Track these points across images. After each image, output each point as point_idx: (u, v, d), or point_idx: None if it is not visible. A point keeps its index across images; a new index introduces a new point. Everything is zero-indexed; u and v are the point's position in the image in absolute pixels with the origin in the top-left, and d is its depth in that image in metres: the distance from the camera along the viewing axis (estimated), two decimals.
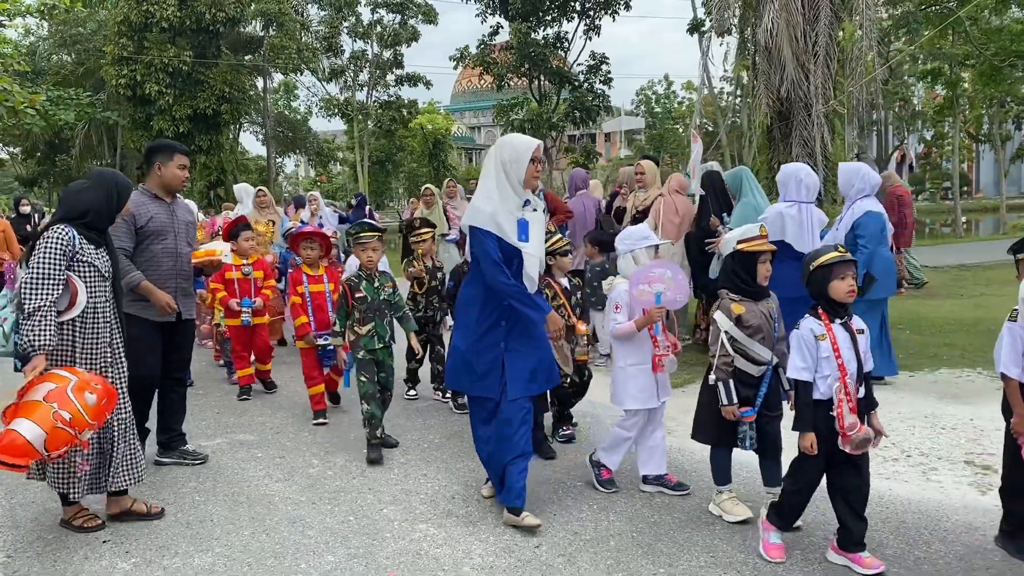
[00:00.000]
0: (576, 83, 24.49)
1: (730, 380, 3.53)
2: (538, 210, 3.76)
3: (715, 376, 3.56)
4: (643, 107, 48.26)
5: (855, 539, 3.23)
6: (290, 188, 47.50)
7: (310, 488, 4.30)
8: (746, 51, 9.93)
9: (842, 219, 5.85)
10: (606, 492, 4.13)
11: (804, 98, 8.19)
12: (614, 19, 24.12)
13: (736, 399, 3.51)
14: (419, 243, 6.04)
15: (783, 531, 3.40)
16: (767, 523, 3.39)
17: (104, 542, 3.64)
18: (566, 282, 4.89)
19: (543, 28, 24.14)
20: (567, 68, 24.91)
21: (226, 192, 22.82)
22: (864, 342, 3.25)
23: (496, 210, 3.60)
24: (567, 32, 24.72)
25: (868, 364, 3.26)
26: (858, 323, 3.28)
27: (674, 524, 3.73)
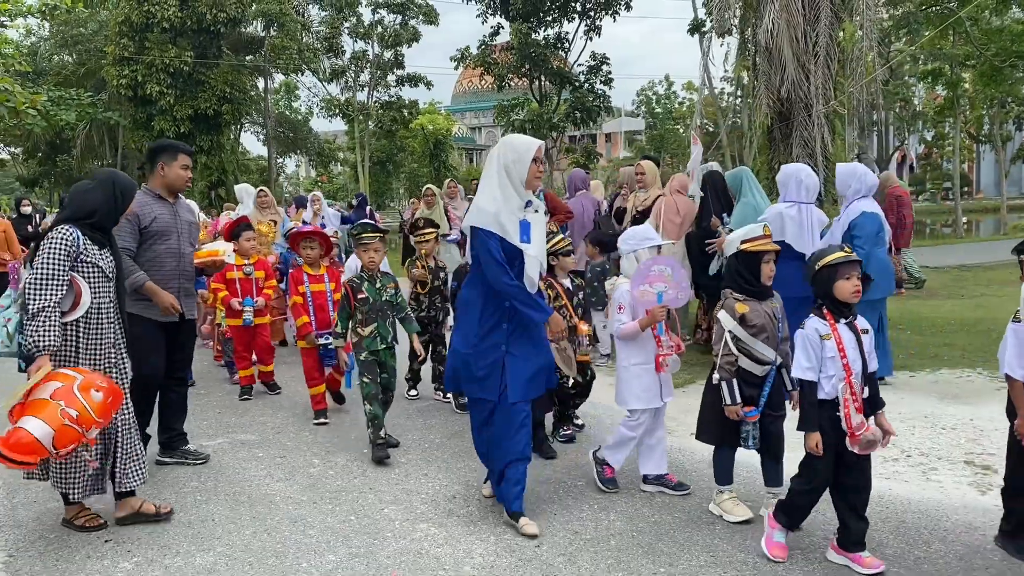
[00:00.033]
0: (577, 83, 24.47)
1: (733, 380, 3.53)
2: (539, 211, 3.74)
3: (719, 375, 3.56)
4: (644, 107, 48.22)
5: (855, 539, 3.23)
6: (291, 188, 47.51)
7: (311, 488, 4.31)
8: (746, 51, 9.93)
9: (839, 220, 5.86)
10: (607, 491, 4.12)
11: (804, 98, 8.20)
12: (615, 19, 24.13)
13: (740, 398, 3.52)
14: (423, 243, 6.06)
15: (789, 530, 3.39)
16: (773, 521, 3.39)
17: (106, 541, 3.65)
18: (568, 282, 4.89)
19: (544, 29, 24.13)
20: (568, 69, 24.90)
21: (227, 192, 22.82)
22: (868, 342, 3.26)
23: (499, 210, 3.57)
24: (568, 32, 24.74)
25: (873, 364, 3.26)
26: (862, 323, 3.29)
27: (674, 524, 3.74)
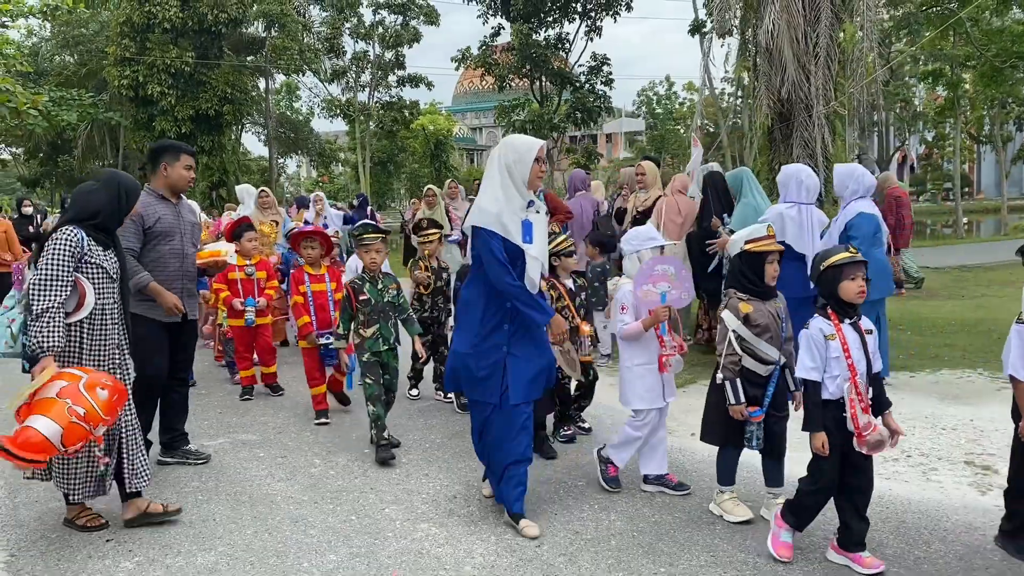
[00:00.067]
0: (577, 84, 24.47)
1: (737, 379, 3.52)
2: (541, 211, 3.72)
3: (722, 375, 3.55)
4: (644, 108, 48.20)
5: (856, 539, 3.24)
6: (292, 189, 47.51)
7: (312, 488, 4.32)
8: (747, 52, 9.92)
9: (836, 220, 5.87)
10: (610, 490, 4.12)
11: (805, 99, 8.19)
12: (615, 20, 24.14)
13: (744, 398, 3.51)
14: (426, 244, 6.07)
15: (796, 531, 3.37)
16: (780, 520, 3.36)
17: (107, 541, 3.66)
18: (571, 283, 4.90)
19: (544, 29, 24.12)
20: (568, 69, 24.89)
21: (228, 193, 22.82)
22: (873, 342, 3.25)
23: (501, 211, 3.56)
24: (568, 33, 24.73)
25: (877, 364, 3.26)
26: (866, 323, 3.28)
27: (675, 524, 3.74)
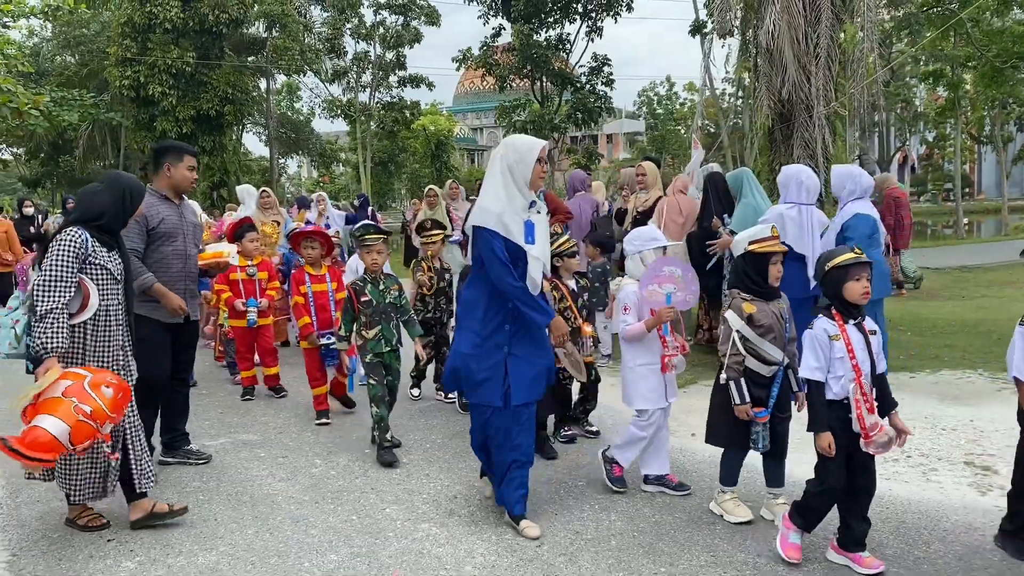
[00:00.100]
0: (578, 85, 24.47)
1: (742, 379, 3.52)
2: (542, 212, 3.72)
3: (727, 375, 3.55)
4: (645, 108, 48.18)
5: (856, 539, 3.24)
6: (293, 189, 47.52)
7: (313, 488, 4.33)
8: (747, 53, 9.92)
9: (834, 221, 5.87)
10: (616, 490, 4.11)
11: (805, 100, 8.20)
12: (616, 21, 24.12)
13: (748, 398, 3.51)
14: (429, 244, 6.07)
15: (805, 532, 3.34)
16: (788, 522, 3.35)
17: (109, 541, 3.67)
18: (573, 284, 4.91)
19: (545, 30, 24.10)
20: (569, 70, 24.90)
21: (229, 193, 22.81)
22: (877, 343, 3.25)
23: (503, 211, 3.54)
24: (569, 34, 24.72)
25: (881, 365, 3.25)
26: (870, 324, 3.28)
27: (675, 524, 3.75)
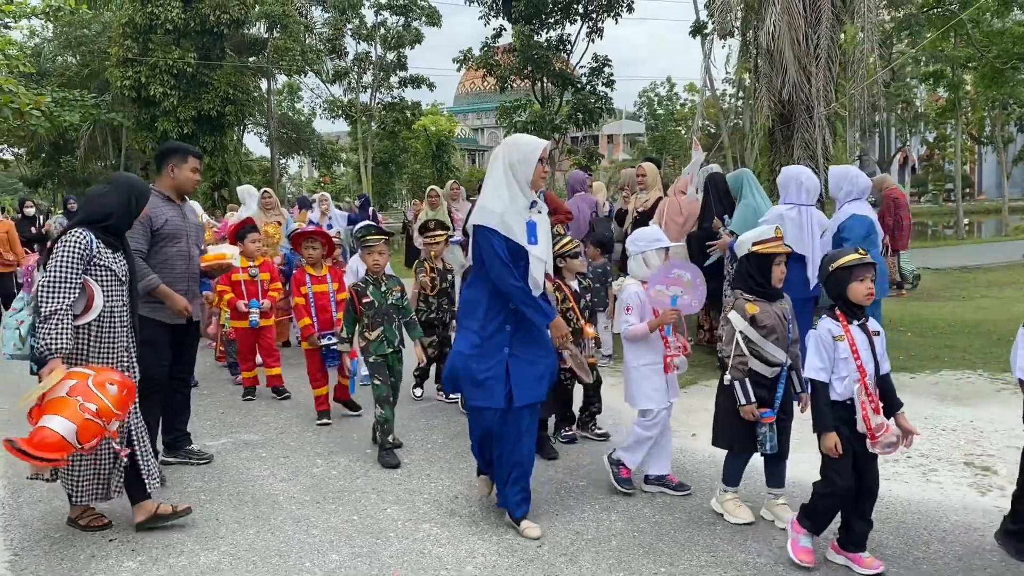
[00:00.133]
0: (579, 85, 24.48)
1: (746, 379, 3.51)
2: (543, 212, 3.71)
3: (731, 376, 3.53)
4: (645, 109, 48.18)
5: (857, 540, 3.24)
6: (294, 189, 47.53)
7: (314, 488, 4.34)
8: (748, 54, 9.94)
9: (831, 222, 5.88)
10: (624, 491, 4.09)
11: (806, 100, 8.21)
12: (616, 22, 24.13)
13: (754, 398, 3.50)
14: (432, 245, 6.07)
15: (815, 535, 3.31)
16: (798, 526, 3.31)
17: (110, 540, 3.68)
18: (576, 285, 4.91)
19: (546, 31, 24.09)
20: (570, 70, 24.91)
21: (230, 194, 22.80)
22: (880, 344, 3.24)
23: (505, 210, 3.53)
24: (570, 34, 24.70)
25: (885, 366, 3.24)
26: (874, 325, 3.27)
27: (675, 524, 3.76)
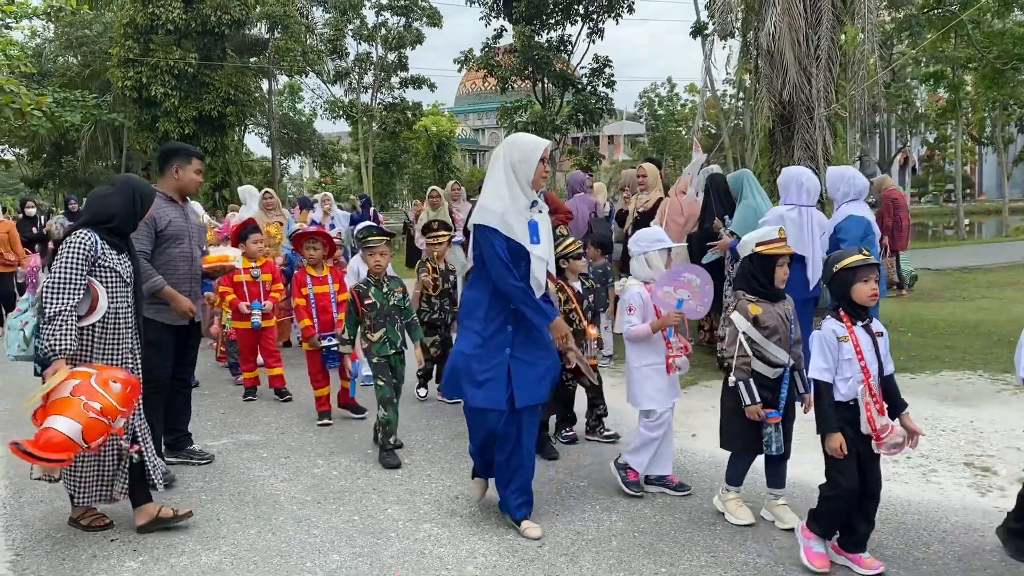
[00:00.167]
0: (579, 86, 24.50)
1: (750, 380, 3.51)
2: (544, 211, 3.71)
3: (735, 376, 3.53)
4: (646, 110, 48.17)
5: (858, 540, 3.24)
6: (294, 190, 47.55)
7: (315, 488, 4.34)
8: (748, 54, 9.96)
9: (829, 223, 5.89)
10: (633, 495, 4.07)
11: (806, 101, 8.23)
12: (617, 22, 24.15)
13: (759, 398, 3.50)
14: (435, 246, 6.07)
15: (826, 539, 3.27)
16: (807, 531, 3.28)
17: (112, 540, 3.69)
18: (579, 286, 4.92)
19: (547, 31, 24.13)
20: (570, 71, 24.93)
21: (231, 194, 22.82)
22: (884, 345, 3.24)
23: (506, 210, 3.52)
24: (570, 35, 24.74)
25: (889, 367, 3.24)
26: (877, 326, 3.26)
27: (676, 524, 3.76)
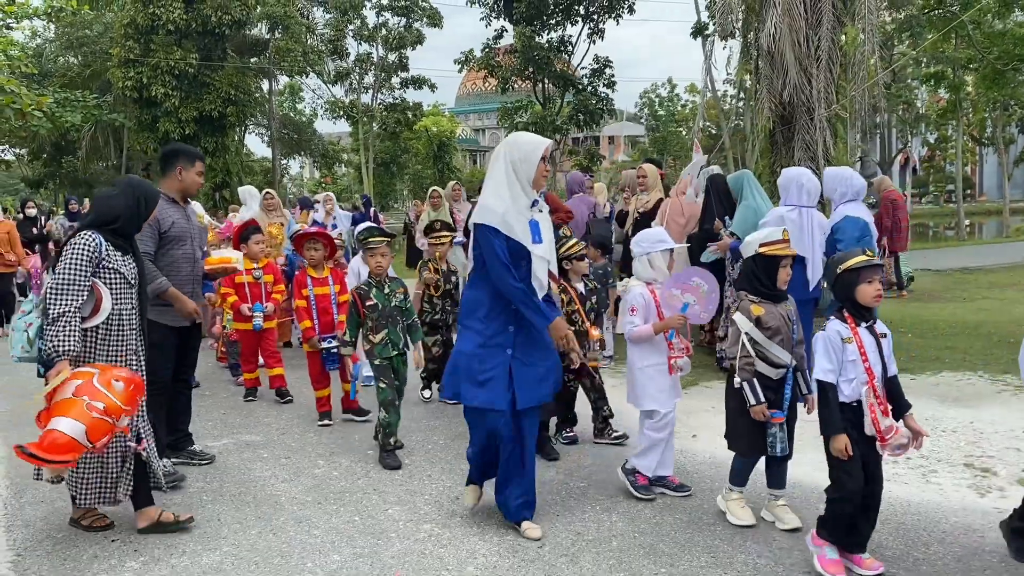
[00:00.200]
0: (580, 86, 24.51)
1: (754, 379, 3.51)
2: (544, 211, 3.70)
3: (740, 377, 3.53)
4: (646, 110, 48.17)
5: (859, 541, 3.23)
6: (295, 190, 47.56)
7: (316, 488, 4.35)
8: (749, 55, 9.96)
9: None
10: (643, 498, 4.04)
11: (806, 102, 8.23)
12: (618, 23, 24.15)
13: (763, 398, 3.49)
14: (438, 246, 6.06)
15: (838, 544, 3.21)
16: (818, 539, 3.24)
17: (113, 541, 3.69)
18: (582, 287, 4.92)
19: (547, 32, 24.12)
20: (571, 71, 24.94)
21: (231, 194, 22.83)
22: (888, 346, 3.23)
23: (507, 210, 3.51)
24: (571, 36, 24.75)
25: (892, 368, 3.24)
26: (881, 327, 3.26)
27: (676, 525, 3.77)
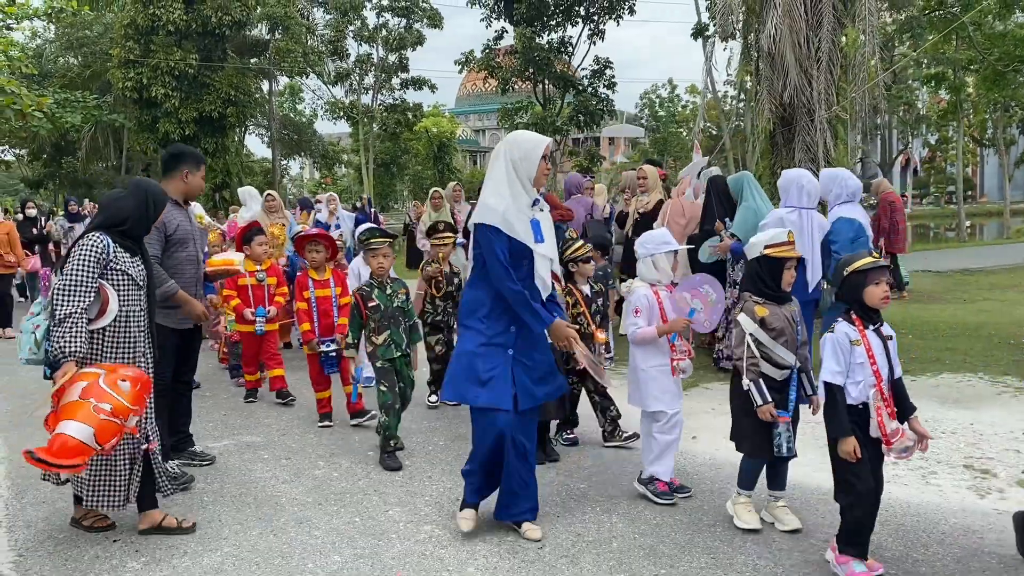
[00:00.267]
0: (580, 87, 24.52)
1: (760, 379, 3.50)
2: (545, 210, 3.70)
3: (747, 378, 3.52)
4: (647, 111, 48.18)
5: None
6: (295, 191, 47.58)
7: (316, 489, 4.35)
8: (749, 56, 9.98)
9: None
10: (663, 503, 4.00)
11: (807, 103, 8.25)
12: (618, 24, 24.16)
13: (769, 398, 3.48)
14: (441, 247, 6.02)
15: (862, 559, 3.13)
16: (841, 556, 3.16)
17: (114, 541, 3.70)
18: (588, 289, 4.92)
19: (548, 33, 24.14)
20: (571, 72, 24.95)
21: (231, 195, 22.84)
22: (894, 348, 3.23)
23: (507, 209, 3.50)
24: (571, 37, 24.78)
25: (898, 370, 3.24)
26: (887, 329, 3.25)
27: (676, 526, 3.77)
